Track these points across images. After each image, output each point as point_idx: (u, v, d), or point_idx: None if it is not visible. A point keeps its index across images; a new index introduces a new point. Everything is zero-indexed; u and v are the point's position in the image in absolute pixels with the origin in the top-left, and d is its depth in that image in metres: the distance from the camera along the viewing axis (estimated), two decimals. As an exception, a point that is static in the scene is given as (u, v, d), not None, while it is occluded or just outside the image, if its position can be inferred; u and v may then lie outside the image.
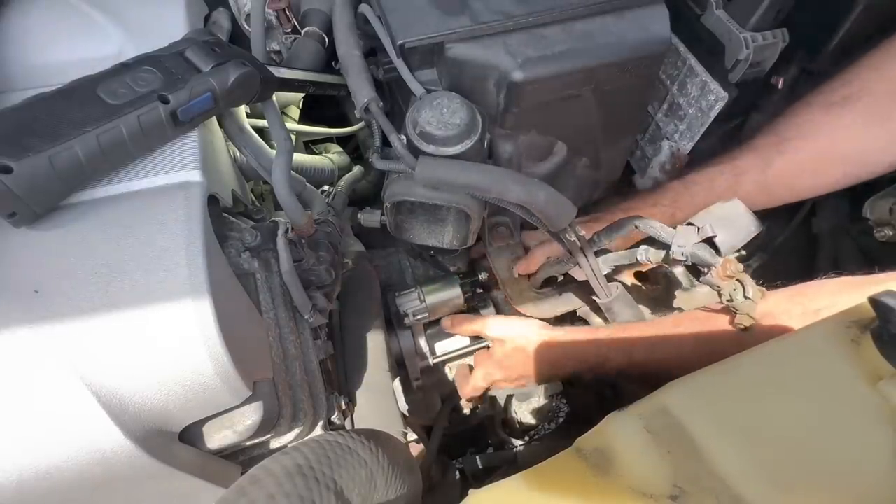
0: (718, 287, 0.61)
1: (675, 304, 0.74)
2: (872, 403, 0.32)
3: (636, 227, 0.69)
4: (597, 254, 0.74)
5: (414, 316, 0.90)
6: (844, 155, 0.71)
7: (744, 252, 0.65)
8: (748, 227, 0.62)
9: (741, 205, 0.63)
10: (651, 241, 0.68)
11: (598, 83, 0.70)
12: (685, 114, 0.88)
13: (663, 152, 0.96)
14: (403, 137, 0.64)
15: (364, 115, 0.67)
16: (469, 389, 0.93)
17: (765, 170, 0.75)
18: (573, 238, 0.67)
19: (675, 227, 0.65)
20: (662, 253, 0.66)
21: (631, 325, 0.76)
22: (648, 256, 0.69)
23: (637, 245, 0.71)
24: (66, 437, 0.44)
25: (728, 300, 0.61)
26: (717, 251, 0.61)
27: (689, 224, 0.63)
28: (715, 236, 0.61)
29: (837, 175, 0.73)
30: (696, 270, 0.65)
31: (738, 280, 0.60)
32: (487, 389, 0.94)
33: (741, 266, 0.61)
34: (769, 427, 0.36)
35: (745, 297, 0.59)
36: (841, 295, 0.59)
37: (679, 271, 0.68)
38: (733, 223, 0.62)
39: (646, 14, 0.68)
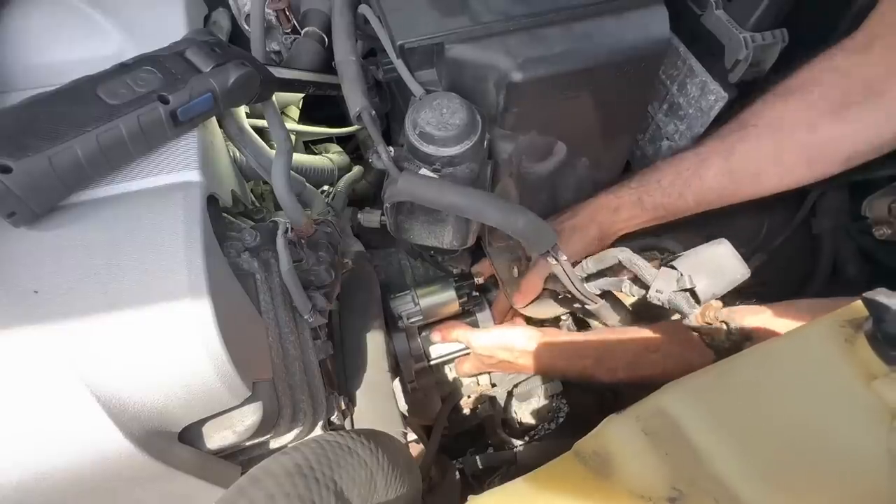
0: (697, 330, 0.61)
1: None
2: (867, 403, 0.32)
3: (619, 261, 0.70)
4: (587, 279, 0.75)
5: (408, 318, 0.90)
6: (803, 144, 0.71)
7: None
8: (733, 274, 0.61)
9: (730, 249, 0.63)
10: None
11: (597, 83, 0.70)
12: (685, 114, 0.88)
13: (663, 152, 0.96)
14: (391, 149, 0.65)
15: (356, 122, 0.67)
16: (461, 372, 0.98)
17: (728, 157, 0.75)
18: (554, 262, 0.67)
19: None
20: (644, 291, 0.67)
21: (615, 339, 0.77)
22: (632, 291, 0.70)
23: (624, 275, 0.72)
24: (65, 437, 0.44)
25: (709, 343, 0.60)
26: (697, 299, 0.61)
27: (672, 268, 0.63)
28: (694, 287, 0.61)
29: (801, 167, 0.73)
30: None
31: (722, 321, 0.59)
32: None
33: (722, 312, 0.60)
34: (765, 427, 0.36)
35: (729, 338, 0.59)
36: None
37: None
38: (718, 269, 0.61)
39: (645, 14, 0.68)
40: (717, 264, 0.62)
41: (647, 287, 0.65)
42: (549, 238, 0.64)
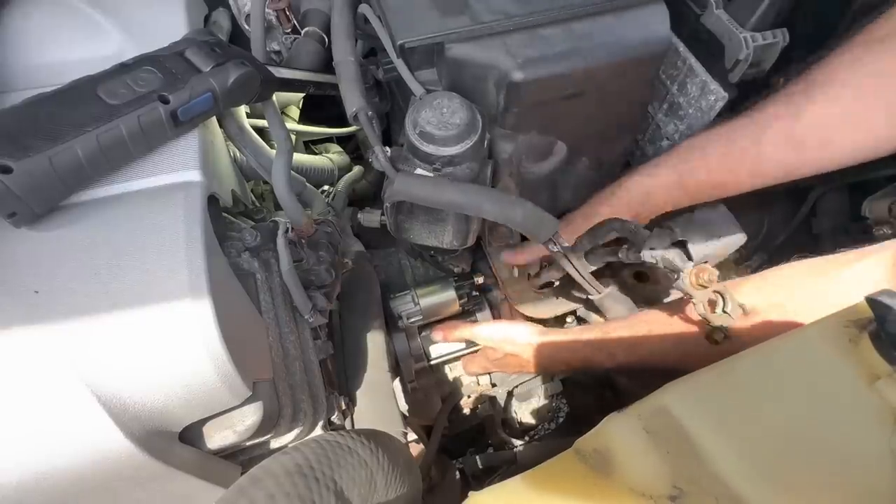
0: (690, 295, 0.59)
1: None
2: (870, 403, 0.32)
3: (614, 230, 0.68)
4: (585, 255, 0.74)
5: (407, 318, 0.90)
6: (888, 101, 0.61)
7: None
8: (727, 236, 0.60)
9: (726, 212, 0.62)
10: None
11: (597, 83, 0.70)
12: (685, 114, 0.88)
13: (663, 152, 0.96)
14: (388, 149, 0.65)
15: (353, 122, 0.67)
16: (469, 369, 0.98)
17: (794, 121, 0.64)
18: (556, 249, 0.66)
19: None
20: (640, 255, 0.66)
21: (613, 325, 0.76)
22: (629, 256, 0.68)
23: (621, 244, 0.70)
24: (66, 437, 0.44)
25: (701, 313, 0.58)
26: (690, 256, 0.59)
27: (666, 227, 0.62)
28: (685, 241, 0.59)
29: (880, 126, 0.62)
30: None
31: (717, 292, 0.57)
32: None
33: (715, 274, 0.57)
34: (767, 427, 0.36)
35: (724, 311, 0.57)
36: (802, 280, 0.58)
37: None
38: (713, 230, 0.60)
39: (645, 14, 0.68)
40: (713, 226, 0.61)
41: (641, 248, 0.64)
42: (550, 227, 0.63)
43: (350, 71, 0.68)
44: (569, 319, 0.98)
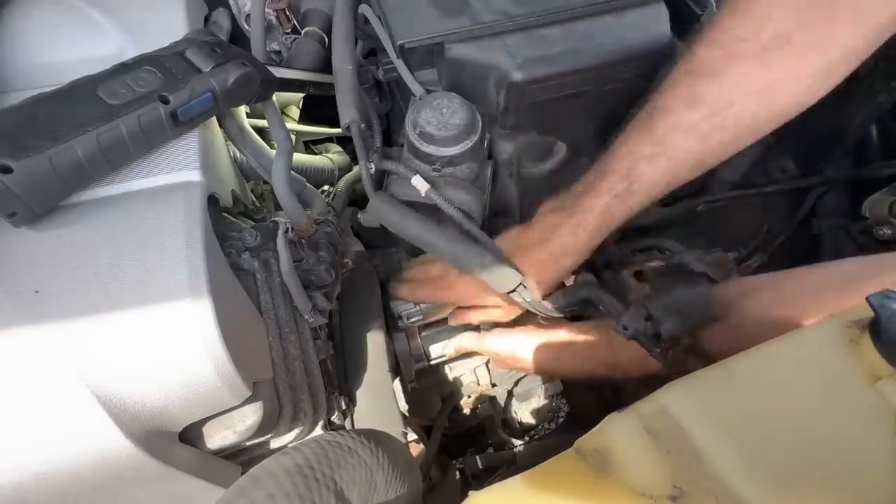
0: (661, 362, 0.61)
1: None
2: (871, 403, 0.32)
3: (588, 296, 0.69)
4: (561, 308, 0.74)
5: (407, 318, 0.90)
6: (779, 112, 0.59)
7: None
8: (698, 319, 0.62)
9: (703, 292, 0.63)
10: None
11: (597, 83, 0.70)
12: (685, 114, 0.88)
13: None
14: (372, 166, 0.65)
15: (345, 131, 0.68)
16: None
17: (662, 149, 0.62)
18: (520, 300, 0.66)
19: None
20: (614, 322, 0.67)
21: (620, 343, 0.76)
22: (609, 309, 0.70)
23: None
24: (66, 437, 0.44)
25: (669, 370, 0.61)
26: (660, 338, 0.61)
27: (641, 306, 0.63)
28: (658, 326, 0.60)
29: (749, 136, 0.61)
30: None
31: (689, 346, 0.60)
32: None
33: (685, 347, 0.60)
34: (768, 427, 0.36)
35: (696, 366, 0.58)
36: (822, 302, 0.57)
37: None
38: (687, 312, 0.62)
39: (645, 13, 0.68)
40: (687, 307, 0.62)
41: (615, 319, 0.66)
42: (509, 282, 0.63)
43: (347, 81, 0.68)
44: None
